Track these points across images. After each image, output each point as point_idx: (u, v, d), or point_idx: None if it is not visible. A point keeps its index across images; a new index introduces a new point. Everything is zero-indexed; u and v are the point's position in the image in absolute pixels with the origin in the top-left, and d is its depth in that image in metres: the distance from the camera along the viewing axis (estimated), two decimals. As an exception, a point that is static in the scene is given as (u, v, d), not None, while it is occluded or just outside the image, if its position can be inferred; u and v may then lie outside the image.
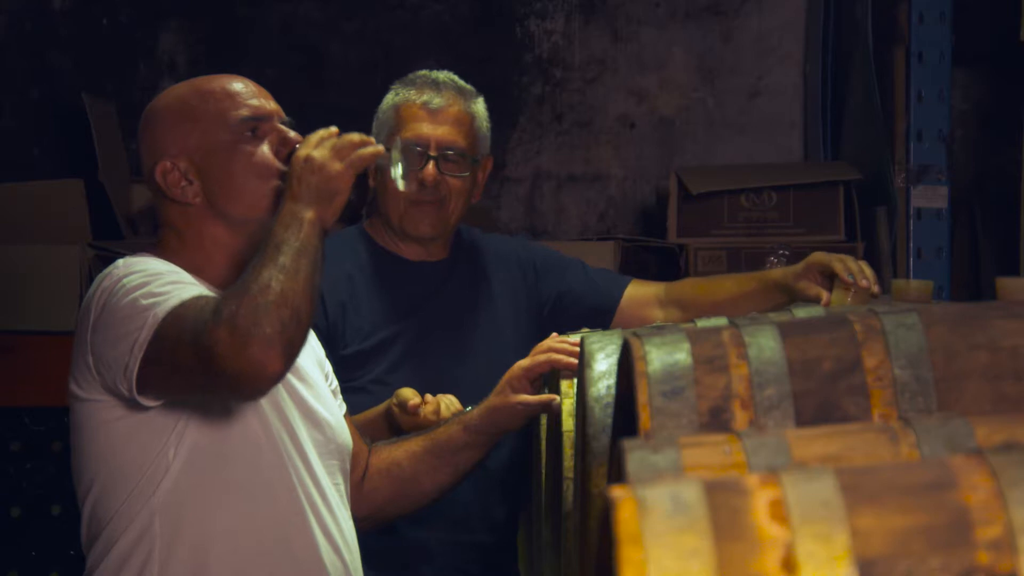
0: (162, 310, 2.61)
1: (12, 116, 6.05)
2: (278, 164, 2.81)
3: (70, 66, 6.04)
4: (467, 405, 3.30)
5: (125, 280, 2.69)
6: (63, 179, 5.53)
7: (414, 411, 3.27)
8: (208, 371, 2.54)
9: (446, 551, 3.55)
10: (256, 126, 2.83)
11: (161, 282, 2.67)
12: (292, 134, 2.84)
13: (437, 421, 3.27)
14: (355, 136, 2.77)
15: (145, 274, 2.70)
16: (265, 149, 2.82)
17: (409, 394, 3.29)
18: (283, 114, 2.88)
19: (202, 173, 2.82)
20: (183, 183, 2.82)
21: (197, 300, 2.61)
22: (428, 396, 3.30)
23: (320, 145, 2.75)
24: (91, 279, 4.95)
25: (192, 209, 2.84)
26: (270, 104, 2.87)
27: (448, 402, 3.33)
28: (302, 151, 2.75)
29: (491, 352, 3.59)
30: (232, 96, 2.85)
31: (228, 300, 2.54)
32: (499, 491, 3.60)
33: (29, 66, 6.03)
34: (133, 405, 2.68)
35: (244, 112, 2.83)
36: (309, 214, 2.68)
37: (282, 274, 2.57)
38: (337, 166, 2.72)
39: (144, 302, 2.63)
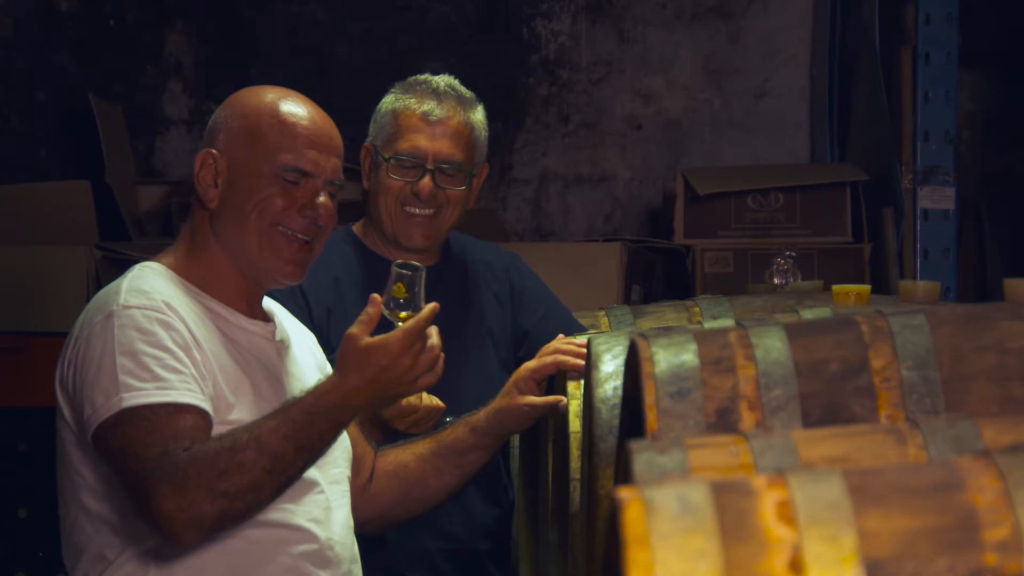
0: (131, 402, 2.58)
1: (19, 118, 6.06)
2: (285, 220, 2.77)
3: (76, 67, 6.04)
4: (448, 414, 3.28)
5: (117, 331, 2.64)
6: (70, 180, 5.53)
7: None
8: (134, 496, 2.57)
9: (435, 559, 3.54)
10: (297, 179, 2.79)
11: (149, 359, 2.61)
12: (321, 199, 2.78)
13: (419, 406, 3.26)
14: (436, 341, 2.68)
15: (140, 336, 2.64)
16: (285, 199, 2.77)
17: None
18: (338, 174, 2.82)
19: (230, 183, 2.80)
20: (210, 181, 2.81)
21: (171, 423, 2.57)
22: None
23: (411, 353, 2.64)
24: (98, 280, 4.97)
25: (206, 213, 2.82)
26: (326, 162, 2.81)
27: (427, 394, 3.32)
28: (401, 357, 2.65)
29: (476, 359, 3.57)
30: (297, 137, 2.80)
31: (194, 464, 2.52)
32: (487, 498, 3.59)
33: (35, 67, 6.04)
34: None
35: (293, 160, 2.78)
36: (356, 415, 2.67)
37: (268, 473, 2.55)
38: (410, 389, 2.67)
39: (121, 378, 2.60)
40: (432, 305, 2.68)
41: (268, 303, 2.95)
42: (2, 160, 5.95)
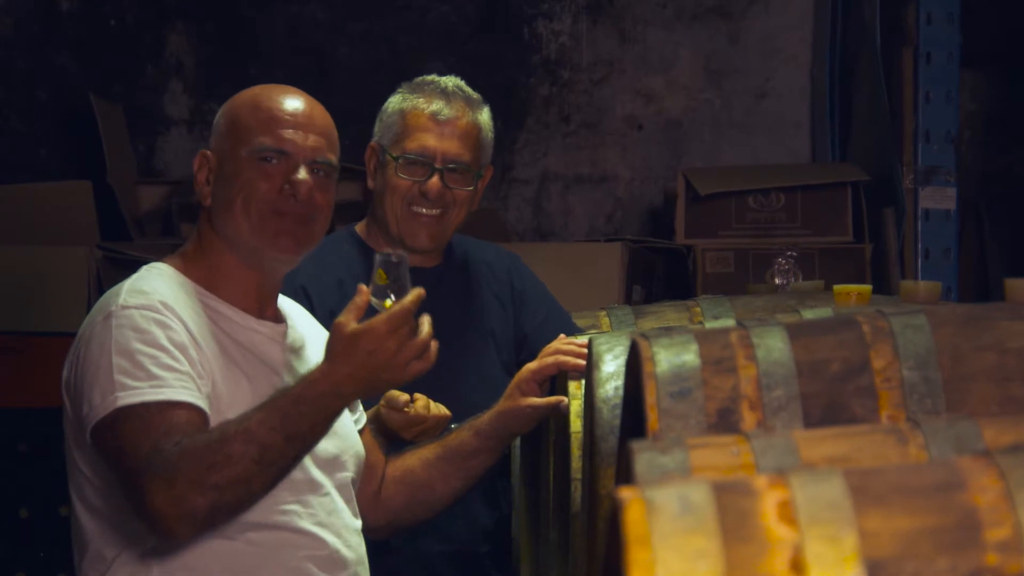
0: (127, 401, 2.59)
1: (19, 118, 6.06)
2: (269, 203, 2.76)
3: (76, 67, 6.05)
4: (453, 420, 3.28)
5: (115, 331, 2.65)
6: (70, 180, 5.53)
7: (404, 406, 3.25)
8: (128, 493, 2.58)
9: (436, 561, 3.53)
10: (271, 157, 2.78)
11: (145, 358, 2.62)
12: (301, 175, 2.77)
13: (427, 416, 3.25)
14: (427, 329, 2.65)
15: (136, 335, 2.64)
16: (267, 181, 2.77)
17: (397, 393, 3.27)
18: (322, 153, 2.80)
19: (217, 177, 2.82)
20: (203, 180, 2.82)
21: (164, 420, 2.57)
22: (416, 395, 3.29)
23: (397, 336, 2.61)
24: (99, 280, 4.96)
25: (205, 213, 2.84)
26: (304, 140, 2.80)
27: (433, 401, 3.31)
28: (386, 340, 2.61)
29: (479, 361, 3.57)
30: (272, 119, 2.80)
31: (183, 458, 2.52)
32: (487, 500, 3.59)
33: (36, 67, 6.04)
34: None
35: (268, 140, 2.78)
36: (347, 403, 2.64)
37: (257, 464, 2.54)
38: (402, 374, 2.64)
39: (116, 377, 2.61)
40: (417, 290, 2.66)
41: (286, 304, 2.95)
42: (2, 160, 5.95)
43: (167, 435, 2.56)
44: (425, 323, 2.66)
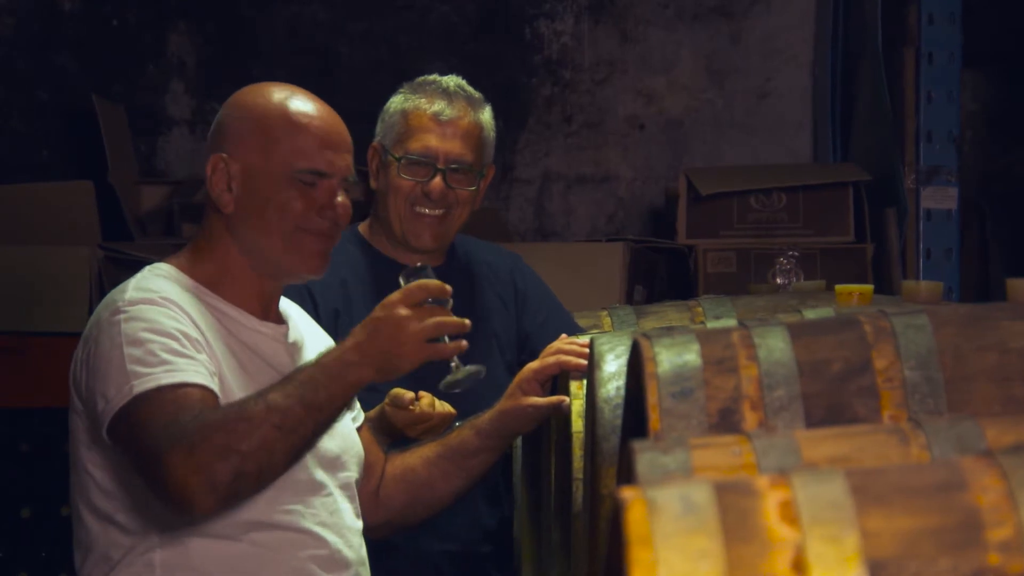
0: (142, 388, 2.59)
1: (20, 118, 6.06)
2: (307, 223, 2.78)
3: (78, 67, 6.05)
4: (457, 415, 3.28)
5: (124, 325, 2.65)
6: (72, 180, 5.53)
7: (410, 404, 3.25)
8: (148, 473, 2.56)
9: (438, 561, 3.53)
10: (313, 180, 2.78)
11: (156, 346, 2.62)
12: (340, 199, 2.79)
13: (432, 414, 3.26)
14: (451, 319, 2.68)
15: (144, 325, 2.65)
16: (304, 201, 2.78)
17: (402, 391, 3.28)
18: (351, 170, 2.83)
19: (245, 188, 2.79)
20: (223, 186, 2.80)
21: (179, 398, 2.57)
22: (422, 392, 3.29)
23: (412, 306, 2.65)
24: (101, 280, 4.96)
25: (222, 218, 2.82)
26: (341, 160, 2.81)
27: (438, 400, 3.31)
28: (397, 307, 2.66)
29: (482, 359, 3.56)
30: (312, 138, 2.79)
31: (203, 427, 2.52)
32: (489, 500, 3.59)
33: (37, 67, 6.04)
34: None
35: (309, 164, 2.78)
36: (362, 376, 2.64)
37: (278, 430, 2.54)
38: (418, 351, 2.65)
39: (129, 367, 2.61)
40: (445, 285, 2.70)
41: (286, 305, 2.95)
42: (3, 160, 5.96)
43: (184, 410, 2.55)
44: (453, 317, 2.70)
